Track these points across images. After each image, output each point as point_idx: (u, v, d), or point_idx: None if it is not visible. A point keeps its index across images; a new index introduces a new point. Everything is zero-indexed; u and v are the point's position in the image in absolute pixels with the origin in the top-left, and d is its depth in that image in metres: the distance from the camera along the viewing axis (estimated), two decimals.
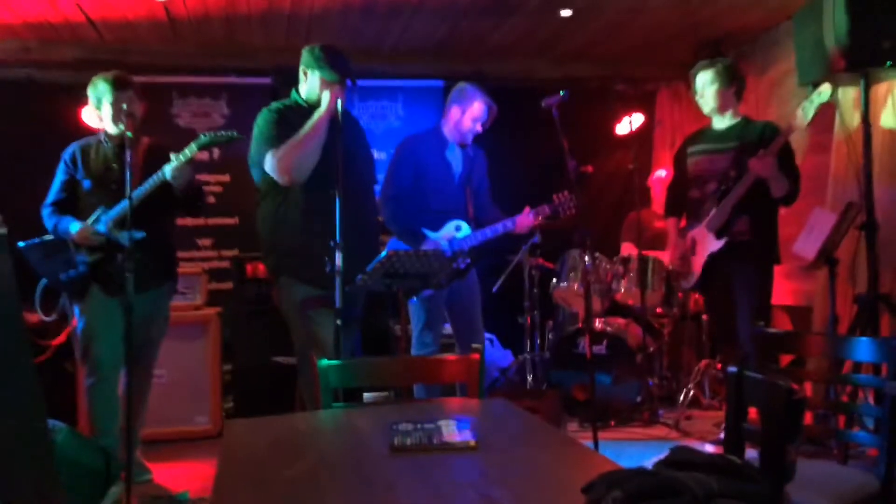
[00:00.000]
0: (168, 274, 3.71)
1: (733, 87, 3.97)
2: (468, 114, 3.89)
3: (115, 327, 3.40)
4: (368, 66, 5.50)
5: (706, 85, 3.93)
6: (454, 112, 3.93)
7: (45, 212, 3.55)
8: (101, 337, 3.46)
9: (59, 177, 3.59)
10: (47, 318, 3.78)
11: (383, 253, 3.06)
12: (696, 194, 4.00)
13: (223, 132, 3.44)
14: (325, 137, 3.20)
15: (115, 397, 3.51)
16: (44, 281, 3.60)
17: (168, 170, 3.34)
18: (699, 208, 3.97)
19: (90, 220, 3.43)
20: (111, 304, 3.44)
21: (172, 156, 3.35)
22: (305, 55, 3.35)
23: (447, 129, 3.97)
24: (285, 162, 3.16)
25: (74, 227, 3.42)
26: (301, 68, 3.37)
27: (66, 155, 3.61)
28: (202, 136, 3.40)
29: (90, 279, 3.46)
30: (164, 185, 3.38)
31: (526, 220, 3.88)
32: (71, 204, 3.55)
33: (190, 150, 3.35)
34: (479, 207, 4.02)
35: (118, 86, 3.52)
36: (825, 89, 3.50)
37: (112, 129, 3.54)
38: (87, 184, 3.54)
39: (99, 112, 3.55)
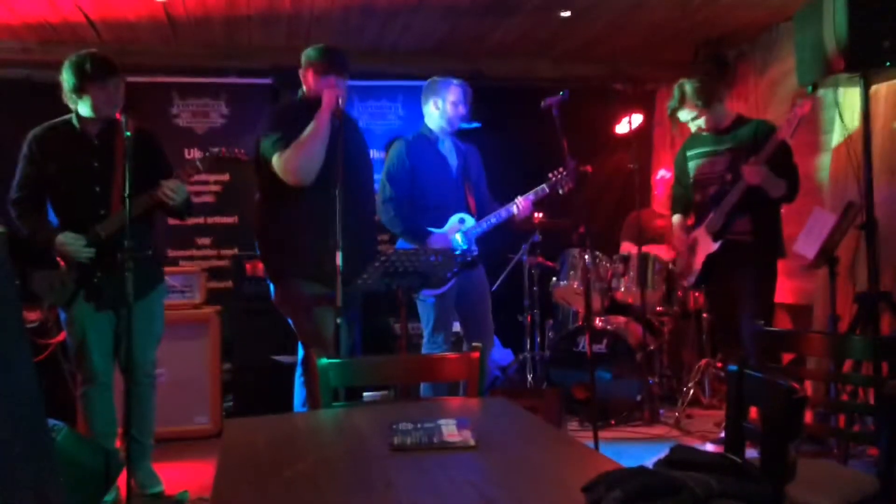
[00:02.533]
0: (157, 278, 3.52)
1: (714, 100, 3.95)
2: (447, 100, 3.92)
3: (105, 333, 3.32)
4: (368, 67, 5.51)
5: (694, 119, 3.97)
6: (434, 105, 3.96)
7: (14, 211, 3.27)
8: (92, 345, 3.29)
9: (24, 168, 3.25)
10: (29, 323, 3.61)
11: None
12: (699, 198, 4.03)
13: (227, 152, 3.32)
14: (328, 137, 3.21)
15: (111, 402, 3.39)
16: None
17: (160, 192, 3.19)
18: (702, 211, 3.99)
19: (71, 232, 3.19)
20: (99, 316, 3.29)
21: (164, 183, 3.20)
22: (303, 56, 3.38)
23: (433, 124, 3.98)
24: (292, 164, 3.17)
25: (60, 238, 3.17)
26: (300, 70, 3.39)
27: (32, 141, 3.27)
28: (207, 154, 3.30)
29: (76, 290, 3.24)
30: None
31: (527, 202, 3.89)
32: (41, 199, 3.26)
33: (192, 169, 3.25)
34: (479, 202, 4.03)
35: (105, 73, 3.20)
36: (808, 98, 3.55)
37: (89, 115, 3.25)
38: (63, 183, 3.24)
39: (75, 98, 3.23)
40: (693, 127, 4.01)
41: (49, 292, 3.27)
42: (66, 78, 3.23)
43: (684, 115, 3.95)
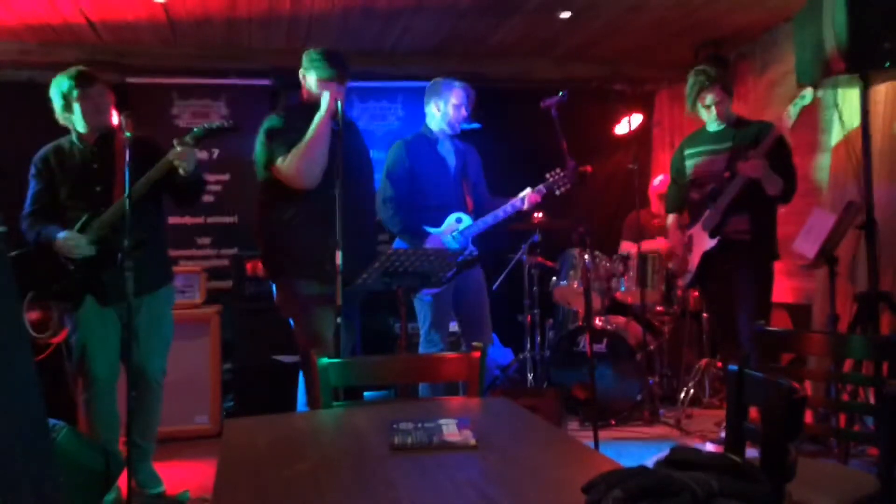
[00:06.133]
0: (165, 274, 3.53)
1: (732, 92, 4.00)
2: (449, 103, 3.93)
3: (111, 340, 3.32)
4: (368, 68, 5.51)
5: (721, 102, 3.91)
6: (435, 106, 3.98)
7: (24, 224, 3.33)
8: (96, 352, 3.30)
9: (34, 185, 3.36)
10: (39, 336, 3.61)
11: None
12: (697, 196, 4.02)
13: (225, 122, 3.33)
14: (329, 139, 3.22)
15: (114, 408, 3.39)
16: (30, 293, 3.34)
17: (173, 155, 3.18)
18: (699, 209, 3.98)
19: (76, 227, 3.24)
20: (106, 314, 3.31)
21: (175, 141, 3.20)
22: (303, 59, 3.39)
23: (434, 125, 4.00)
24: (296, 168, 3.17)
25: (61, 235, 3.21)
26: (300, 73, 3.40)
27: (38, 160, 3.37)
28: (196, 129, 3.27)
29: (83, 290, 3.28)
30: (162, 179, 3.23)
31: (523, 202, 3.89)
32: (51, 212, 3.32)
33: (192, 136, 3.24)
34: (479, 201, 4.04)
35: (85, 82, 3.28)
36: (807, 93, 3.55)
37: (84, 129, 3.33)
38: (65, 190, 3.31)
39: (68, 115, 3.32)
40: (707, 115, 3.95)
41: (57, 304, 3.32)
42: (53, 100, 3.32)
43: (710, 97, 3.88)
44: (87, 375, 3.33)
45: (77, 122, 3.33)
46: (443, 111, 3.94)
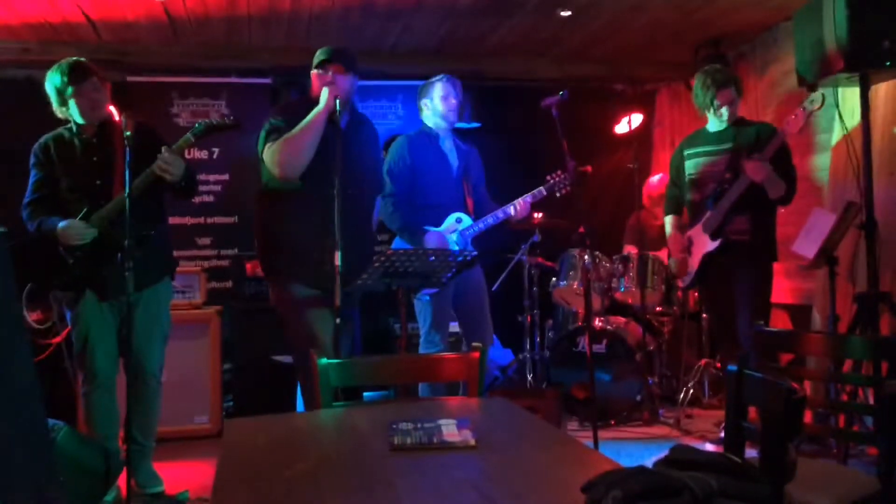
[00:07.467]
0: (165, 268, 3.50)
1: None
2: (436, 98, 3.95)
3: (110, 334, 3.32)
4: (369, 67, 5.49)
5: (735, 101, 3.93)
6: (425, 107, 4.00)
7: (25, 213, 3.32)
8: (95, 345, 3.30)
9: (35, 175, 3.33)
10: (39, 326, 3.62)
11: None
12: (696, 197, 4.02)
13: (226, 119, 3.32)
14: (323, 135, 3.20)
15: (114, 403, 3.39)
16: (28, 285, 3.39)
17: (156, 166, 3.16)
18: (699, 210, 3.98)
19: (78, 218, 3.22)
20: (105, 308, 3.31)
21: (164, 149, 3.19)
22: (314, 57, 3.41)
23: (431, 123, 4.01)
24: (279, 156, 3.17)
25: (62, 224, 3.19)
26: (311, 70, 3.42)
27: (38, 149, 3.34)
28: (197, 125, 3.26)
29: (84, 284, 3.28)
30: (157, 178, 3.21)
31: (524, 203, 3.90)
32: (51, 202, 3.30)
33: (185, 141, 3.24)
34: (478, 203, 4.04)
35: (78, 78, 3.24)
36: (816, 97, 3.54)
37: (81, 122, 3.30)
38: (66, 182, 3.29)
39: (64, 109, 3.29)
40: (718, 115, 3.94)
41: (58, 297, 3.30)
42: (49, 95, 3.30)
43: (728, 96, 3.90)
44: (87, 370, 3.33)
45: (74, 115, 3.31)
46: (432, 107, 3.96)
